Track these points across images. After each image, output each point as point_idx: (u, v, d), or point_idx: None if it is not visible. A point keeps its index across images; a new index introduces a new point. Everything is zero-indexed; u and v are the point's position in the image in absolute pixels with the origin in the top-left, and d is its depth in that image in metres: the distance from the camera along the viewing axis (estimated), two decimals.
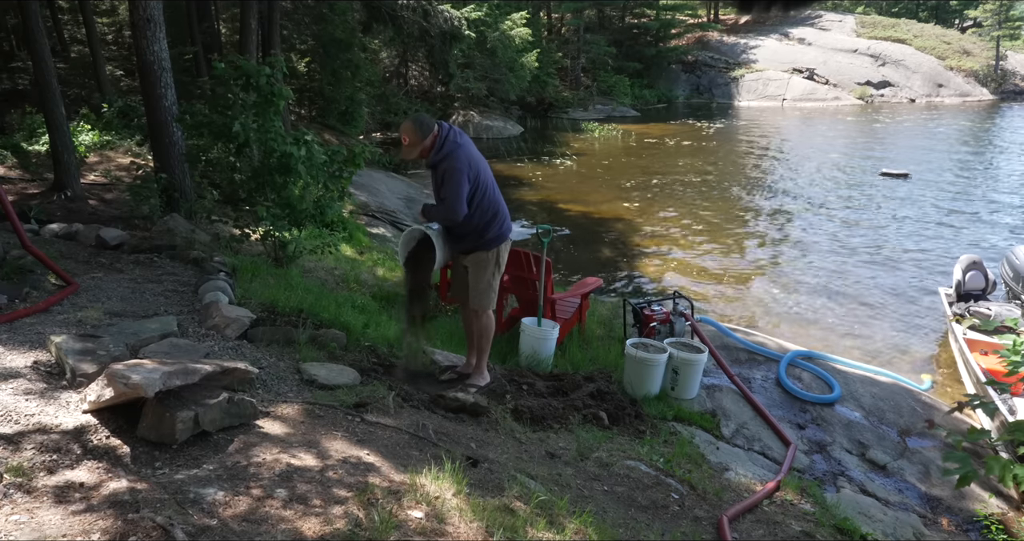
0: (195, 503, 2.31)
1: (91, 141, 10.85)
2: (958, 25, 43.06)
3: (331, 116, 16.96)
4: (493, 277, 4.15)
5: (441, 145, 3.84)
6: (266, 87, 5.90)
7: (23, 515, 2.17)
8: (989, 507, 4.43)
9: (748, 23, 39.39)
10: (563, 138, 23.95)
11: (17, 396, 2.91)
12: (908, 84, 33.45)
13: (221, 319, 4.12)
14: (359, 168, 6.44)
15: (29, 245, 4.64)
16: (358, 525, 2.31)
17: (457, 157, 3.84)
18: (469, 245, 4.08)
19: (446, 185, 3.85)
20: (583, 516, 2.78)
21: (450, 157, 3.83)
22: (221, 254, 5.88)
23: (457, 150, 3.85)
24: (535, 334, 5.14)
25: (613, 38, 33.43)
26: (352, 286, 6.50)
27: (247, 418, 2.94)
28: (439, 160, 3.86)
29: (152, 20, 6.89)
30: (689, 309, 5.98)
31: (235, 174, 6.24)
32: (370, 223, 11.07)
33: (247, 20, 11.75)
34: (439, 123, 3.91)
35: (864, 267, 10.61)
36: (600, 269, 10.38)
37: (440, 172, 3.89)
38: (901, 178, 16.61)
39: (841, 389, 5.50)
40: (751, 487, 3.88)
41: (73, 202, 7.93)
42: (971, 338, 6.63)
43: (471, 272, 4.15)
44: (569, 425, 4.08)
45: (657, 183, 16.49)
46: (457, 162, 3.83)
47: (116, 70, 16.11)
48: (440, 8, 18.91)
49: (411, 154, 3.86)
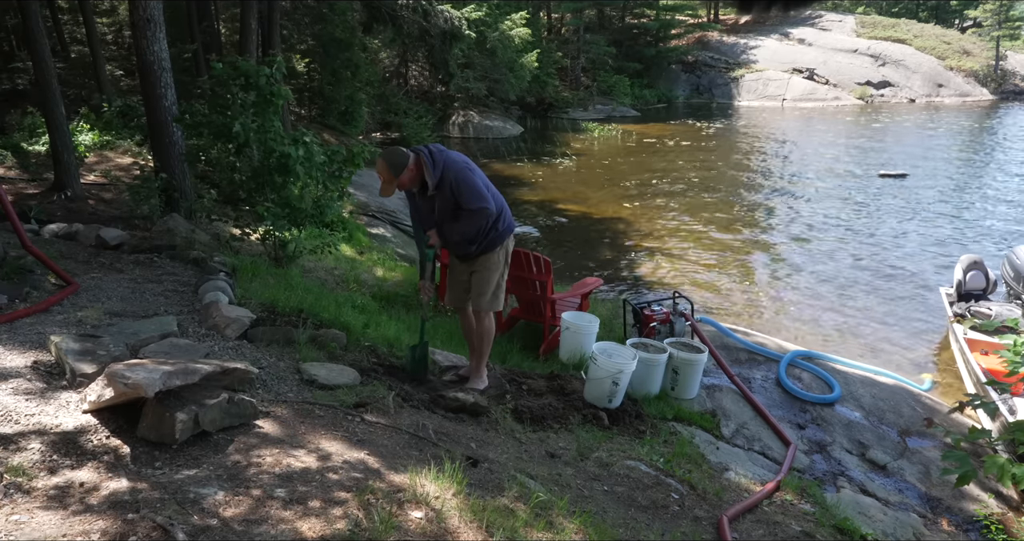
0: (195, 503, 2.31)
1: (91, 141, 10.85)
2: (958, 25, 43.03)
3: (331, 116, 16.96)
4: (502, 277, 4.13)
5: (433, 164, 3.73)
6: (265, 87, 5.91)
7: (23, 515, 2.17)
8: (989, 507, 4.43)
9: (748, 23, 39.39)
10: (563, 138, 23.95)
11: (17, 396, 2.91)
12: (908, 84, 33.44)
13: (221, 319, 4.11)
14: (359, 168, 6.45)
15: (29, 245, 4.64)
16: (358, 525, 2.31)
17: (454, 161, 3.80)
18: (477, 248, 3.99)
19: (463, 189, 3.75)
20: (583, 516, 2.79)
21: (448, 167, 3.76)
22: (221, 254, 5.88)
23: (449, 157, 3.80)
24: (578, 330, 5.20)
25: (613, 38, 33.42)
26: (352, 286, 6.50)
27: (247, 418, 2.94)
28: (440, 177, 3.74)
29: (152, 20, 6.89)
30: (689, 309, 5.98)
31: (235, 174, 6.24)
32: (370, 223, 11.07)
33: (247, 20, 11.75)
34: (415, 150, 3.78)
35: (864, 267, 10.62)
36: (600, 269, 10.38)
37: (448, 184, 3.75)
38: (899, 178, 16.62)
39: (841, 389, 5.50)
40: (751, 487, 3.88)
41: (73, 202, 7.93)
42: (972, 338, 6.63)
43: (480, 275, 4.07)
44: (569, 425, 4.08)
45: (657, 183, 16.49)
46: (456, 165, 3.79)
47: (116, 70, 16.12)
48: (440, 8, 18.92)
49: (389, 191, 3.75)
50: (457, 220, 3.84)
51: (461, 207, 3.79)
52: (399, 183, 3.73)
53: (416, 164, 3.74)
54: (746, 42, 36.53)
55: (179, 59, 13.13)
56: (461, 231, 3.88)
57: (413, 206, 4.05)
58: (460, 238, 3.92)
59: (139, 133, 10.98)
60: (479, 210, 3.78)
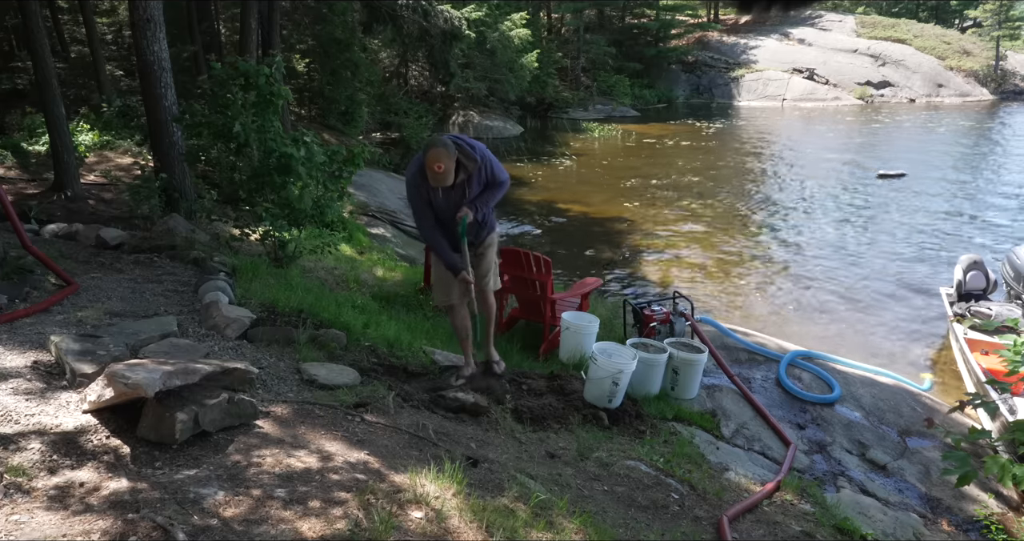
0: (195, 503, 2.31)
1: (91, 141, 10.84)
2: (958, 25, 43.01)
3: (331, 116, 16.95)
4: (497, 255, 4.34)
5: (472, 147, 3.82)
6: (265, 87, 5.91)
7: (23, 515, 2.17)
8: (989, 507, 4.43)
9: (748, 23, 39.36)
10: (563, 138, 23.94)
11: (17, 396, 2.91)
12: (908, 84, 33.43)
13: (221, 319, 4.11)
14: (359, 168, 6.44)
15: (29, 245, 4.64)
16: (358, 525, 2.31)
17: (480, 146, 3.91)
18: (486, 230, 4.15)
19: (494, 164, 3.93)
20: (583, 516, 2.78)
21: (481, 150, 3.88)
22: (221, 254, 5.88)
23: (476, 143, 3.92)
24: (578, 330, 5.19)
25: (613, 38, 33.41)
26: (352, 286, 6.50)
27: (247, 418, 2.94)
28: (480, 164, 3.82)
29: (152, 20, 6.89)
30: (689, 309, 5.98)
31: (235, 174, 6.24)
32: (370, 223, 11.07)
33: (247, 20, 11.74)
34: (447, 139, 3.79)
35: (863, 267, 10.61)
36: (600, 269, 10.38)
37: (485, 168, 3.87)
38: (899, 178, 16.62)
39: (841, 389, 5.50)
40: (751, 487, 3.87)
41: (73, 202, 7.93)
42: (972, 338, 6.63)
43: (487, 255, 4.21)
44: (569, 425, 4.08)
45: (657, 183, 16.49)
46: (484, 148, 3.92)
47: (116, 70, 16.10)
48: (440, 8, 18.91)
49: (447, 180, 3.73)
50: (481, 197, 3.94)
51: (491, 183, 3.94)
52: (447, 170, 3.69)
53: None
54: (746, 42, 36.51)
55: (179, 59, 13.14)
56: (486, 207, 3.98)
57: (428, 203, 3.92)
58: (482, 218, 4.04)
59: (139, 133, 10.98)
60: (506, 180, 4.02)
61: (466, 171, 3.80)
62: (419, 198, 3.92)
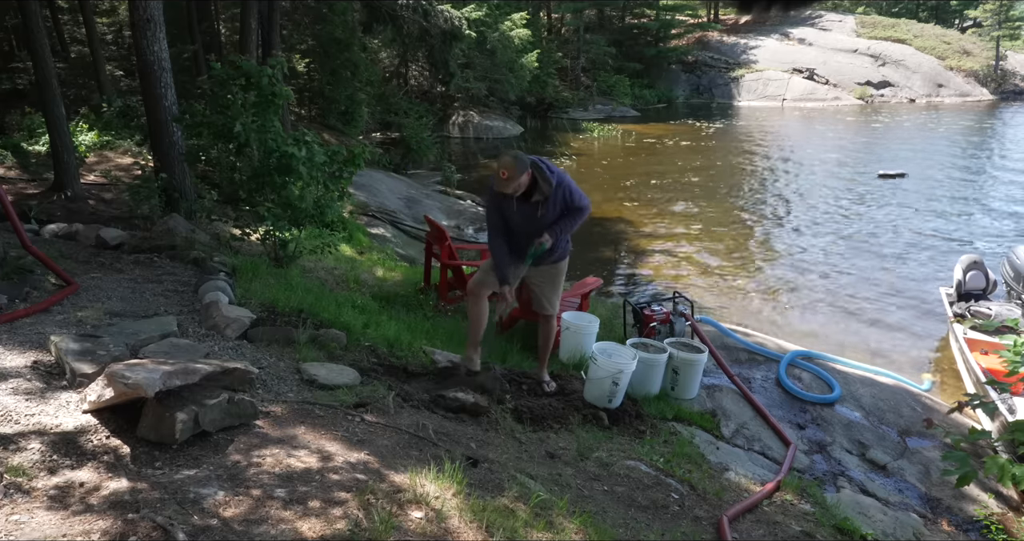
0: (195, 503, 2.31)
1: (91, 141, 10.84)
2: (958, 25, 43.03)
3: (331, 116, 16.94)
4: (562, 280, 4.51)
5: (550, 171, 4.01)
6: (267, 87, 5.90)
7: (23, 515, 2.17)
8: (989, 507, 4.43)
9: (748, 23, 39.37)
10: (563, 138, 23.95)
11: (17, 396, 2.91)
12: (908, 84, 33.44)
13: (221, 319, 4.11)
14: (359, 168, 6.43)
15: (29, 245, 4.64)
16: (358, 525, 2.31)
17: (562, 173, 4.10)
18: (559, 253, 4.31)
19: (572, 191, 4.10)
20: (583, 516, 2.78)
21: (560, 175, 4.06)
22: (221, 254, 5.88)
23: (556, 168, 4.12)
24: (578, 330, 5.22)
25: (613, 38, 33.42)
26: (352, 286, 6.50)
27: (247, 418, 2.94)
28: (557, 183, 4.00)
29: (152, 20, 6.89)
30: (689, 309, 5.98)
31: (235, 174, 6.24)
32: (370, 223, 11.06)
33: (247, 20, 11.74)
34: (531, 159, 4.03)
35: (863, 267, 10.61)
36: (600, 269, 10.38)
37: (562, 190, 4.04)
38: (899, 178, 16.62)
39: (841, 389, 5.50)
40: (751, 487, 3.88)
41: (73, 202, 7.93)
42: (971, 338, 6.62)
43: (554, 279, 4.39)
44: (569, 425, 4.08)
45: (657, 183, 16.49)
46: (563, 173, 4.12)
47: (116, 70, 16.10)
48: (440, 8, 18.91)
49: (508, 187, 3.93)
50: (559, 222, 4.13)
51: (570, 208, 4.10)
52: (518, 183, 3.91)
53: (531, 171, 4.00)
54: (746, 42, 36.52)
55: (179, 59, 13.13)
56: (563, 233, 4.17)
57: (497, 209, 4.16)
58: (556, 241, 4.18)
59: (139, 133, 10.98)
60: (586, 207, 4.16)
61: (542, 193, 4.01)
62: (491, 202, 4.22)
